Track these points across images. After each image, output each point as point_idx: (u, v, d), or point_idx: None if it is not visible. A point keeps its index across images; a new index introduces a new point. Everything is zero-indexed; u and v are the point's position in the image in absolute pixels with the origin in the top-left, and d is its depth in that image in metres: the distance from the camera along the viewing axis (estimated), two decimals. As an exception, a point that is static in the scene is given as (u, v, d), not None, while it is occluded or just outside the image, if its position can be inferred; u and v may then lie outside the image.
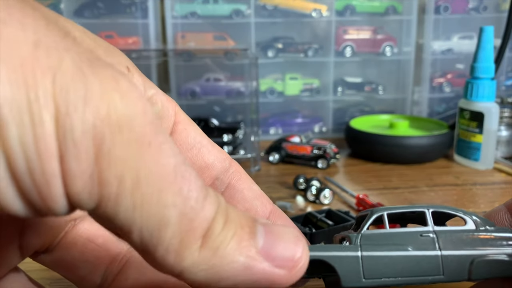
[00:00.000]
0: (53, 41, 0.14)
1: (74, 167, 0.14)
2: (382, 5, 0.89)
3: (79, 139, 0.13)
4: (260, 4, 0.87)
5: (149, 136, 0.15)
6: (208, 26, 0.87)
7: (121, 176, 0.14)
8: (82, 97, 0.14)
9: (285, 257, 0.17)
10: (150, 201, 0.15)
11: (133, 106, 0.14)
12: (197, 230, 0.15)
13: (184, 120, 0.23)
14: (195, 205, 0.15)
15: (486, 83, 0.71)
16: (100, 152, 0.14)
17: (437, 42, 0.91)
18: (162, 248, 0.15)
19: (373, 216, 0.21)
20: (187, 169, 0.16)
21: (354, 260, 0.19)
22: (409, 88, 0.94)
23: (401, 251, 0.20)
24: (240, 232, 0.16)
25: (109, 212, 0.15)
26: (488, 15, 0.90)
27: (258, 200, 0.24)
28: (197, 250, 0.15)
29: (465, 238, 0.20)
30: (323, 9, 0.88)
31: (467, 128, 0.73)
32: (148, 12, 0.86)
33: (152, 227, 0.15)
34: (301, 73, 0.92)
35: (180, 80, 0.88)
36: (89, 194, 0.14)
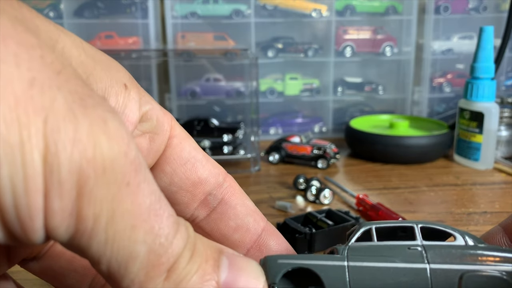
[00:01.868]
0: (47, 77, 0.14)
1: (56, 204, 0.14)
2: (382, 5, 0.89)
3: (64, 178, 0.14)
4: (260, 4, 0.87)
5: (128, 177, 0.15)
6: (208, 26, 0.87)
7: (99, 213, 0.15)
8: (71, 138, 0.14)
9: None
10: (122, 236, 0.15)
11: (118, 147, 0.15)
12: (164, 265, 0.16)
13: (179, 134, 0.23)
14: (164, 242, 0.16)
15: (486, 83, 0.71)
16: (82, 191, 0.14)
17: (437, 42, 0.91)
18: (128, 279, 0.16)
19: (361, 229, 0.21)
20: (162, 207, 0.16)
21: (340, 270, 0.19)
22: (409, 88, 0.94)
23: (388, 263, 0.19)
24: (204, 265, 0.17)
25: (82, 245, 0.15)
26: (488, 15, 0.90)
27: (251, 217, 0.24)
28: (161, 283, 0.16)
29: (454, 253, 0.20)
30: (323, 9, 0.88)
31: (467, 128, 0.73)
32: (148, 12, 0.86)
33: (120, 260, 0.15)
34: (301, 73, 0.92)
35: (180, 80, 0.88)
36: (66, 229, 0.15)
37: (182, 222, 0.17)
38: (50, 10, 0.83)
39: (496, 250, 0.20)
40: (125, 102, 0.20)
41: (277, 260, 0.19)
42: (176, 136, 0.23)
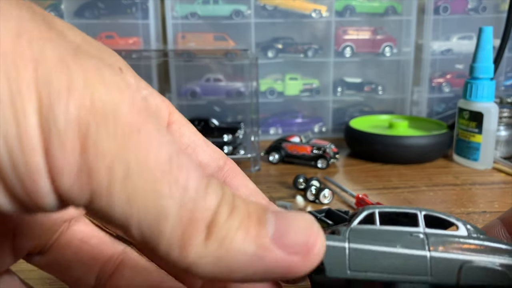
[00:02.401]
0: (37, 31, 0.14)
1: (60, 161, 0.13)
2: (382, 5, 0.89)
3: (63, 130, 0.13)
4: (260, 4, 0.87)
5: (138, 124, 0.14)
6: (208, 27, 0.88)
7: (110, 167, 0.14)
8: (65, 88, 0.13)
9: (298, 243, 0.16)
10: (144, 193, 0.14)
11: (119, 94, 0.14)
12: (200, 222, 0.15)
13: (178, 120, 0.23)
14: (195, 195, 0.15)
15: (485, 83, 0.71)
16: (86, 143, 0.13)
17: (437, 42, 0.91)
18: (164, 242, 0.14)
19: (364, 212, 0.21)
20: (184, 158, 0.15)
21: (340, 251, 0.19)
22: (409, 88, 0.94)
23: (389, 247, 0.19)
24: (247, 221, 0.15)
25: (103, 207, 0.14)
26: (488, 16, 0.90)
27: (254, 197, 0.24)
28: (202, 243, 0.15)
29: (455, 243, 0.20)
30: (322, 9, 0.88)
31: (466, 128, 0.73)
32: (148, 12, 0.86)
33: (150, 220, 0.14)
34: (301, 73, 0.92)
35: (181, 80, 0.89)
36: (79, 189, 0.14)
37: (214, 179, 0.16)
38: (51, 10, 0.83)
39: (497, 242, 0.20)
40: None
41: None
42: (175, 122, 0.22)
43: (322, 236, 0.17)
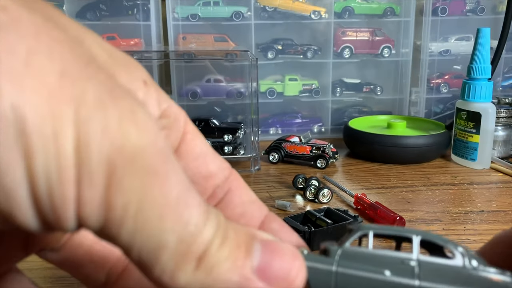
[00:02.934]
0: (77, 69, 0.15)
1: (87, 194, 0.15)
2: (380, 7, 0.90)
3: (95, 168, 0.14)
4: (260, 6, 0.88)
5: (157, 166, 0.15)
6: (209, 28, 0.88)
7: (128, 202, 0.15)
8: (101, 128, 0.14)
9: (280, 276, 0.17)
10: (150, 226, 0.15)
11: (147, 137, 0.15)
12: (194, 254, 0.16)
13: (192, 131, 0.24)
14: (194, 230, 0.16)
15: (483, 84, 0.72)
16: (112, 181, 0.15)
17: (435, 43, 0.92)
18: (158, 268, 0.16)
19: (358, 232, 0.21)
20: (191, 196, 0.16)
21: (327, 274, 0.19)
22: (407, 89, 0.95)
23: (377, 274, 0.19)
24: (236, 251, 0.17)
25: (112, 234, 0.15)
26: (485, 17, 0.91)
27: (255, 204, 0.25)
28: (192, 271, 0.16)
29: (449, 273, 0.19)
30: (322, 11, 0.89)
31: (464, 128, 0.74)
32: (149, 14, 0.87)
33: (150, 249, 0.15)
34: (300, 74, 0.93)
35: (181, 81, 0.89)
36: (97, 218, 0.15)
37: (213, 210, 0.17)
38: (52, 11, 0.83)
39: (494, 274, 0.19)
40: (146, 99, 0.20)
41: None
42: (190, 132, 0.23)
43: (303, 270, 0.18)
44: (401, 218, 0.51)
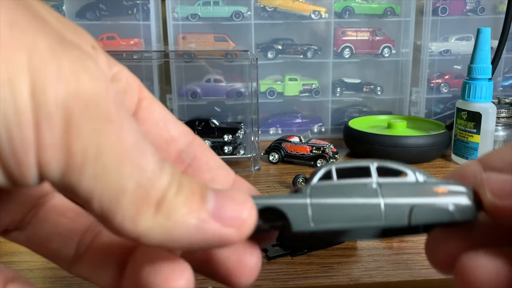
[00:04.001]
0: (27, 21, 0.16)
1: (47, 138, 0.15)
2: (381, 6, 0.90)
3: (52, 112, 0.15)
4: (260, 6, 0.87)
5: (111, 113, 0.16)
6: (208, 28, 0.88)
7: (86, 147, 0.16)
8: (55, 75, 0.15)
9: (233, 217, 0.18)
10: (110, 172, 0.16)
11: (99, 85, 0.16)
12: (152, 199, 0.17)
13: (148, 97, 0.24)
14: (152, 176, 0.17)
15: (483, 84, 0.72)
16: (69, 125, 0.15)
17: (435, 43, 0.92)
18: (120, 215, 0.16)
19: (322, 170, 0.23)
20: (145, 144, 0.17)
21: (303, 207, 0.21)
22: (407, 89, 0.95)
23: (346, 199, 0.21)
24: (191, 197, 0.18)
25: (72, 182, 0.16)
26: (486, 17, 0.90)
27: (223, 169, 0.26)
28: (152, 216, 0.17)
29: (406, 189, 0.22)
30: (322, 10, 0.88)
31: (464, 128, 0.74)
32: (149, 13, 0.86)
33: (111, 196, 0.16)
34: (300, 74, 0.93)
35: (181, 81, 0.89)
36: (57, 164, 0.16)
37: (167, 161, 0.18)
38: (52, 11, 0.83)
39: (443, 184, 0.22)
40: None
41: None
42: (146, 98, 0.24)
43: (254, 211, 0.19)
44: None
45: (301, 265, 0.45)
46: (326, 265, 0.45)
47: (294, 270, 0.44)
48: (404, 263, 0.45)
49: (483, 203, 0.21)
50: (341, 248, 0.47)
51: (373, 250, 0.47)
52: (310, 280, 0.42)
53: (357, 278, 0.42)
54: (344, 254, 0.47)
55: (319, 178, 0.23)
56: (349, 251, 0.47)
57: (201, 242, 0.18)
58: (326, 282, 0.42)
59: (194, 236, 0.18)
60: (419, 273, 0.43)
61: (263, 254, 0.46)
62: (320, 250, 0.47)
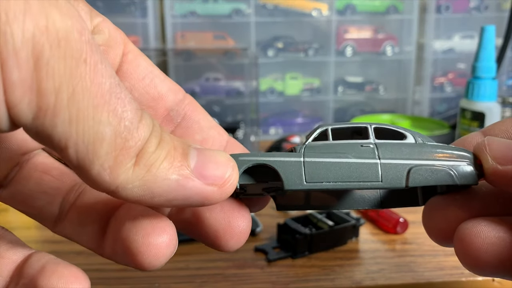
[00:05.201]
0: None
1: (14, 75, 0.14)
2: (383, 4, 0.89)
3: (19, 47, 0.14)
4: (260, 3, 0.87)
5: (85, 54, 0.15)
6: (207, 26, 0.87)
7: (58, 88, 0.15)
8: (21, 9, 0.14)
9: (216, 175, 0.18)
10: (85, 116, 0.15)
11: (71, 23, 0.15)
12: (131, 149, 0.16)
13: (134, 50, 0.23)
14: (130, 125, 0.16)
15: (487, 82, 0.70)
16: (39, 62, 0.15)
17: (438, 41, 0.91)
18: (98, 164, 0.16)
19: (318, 130, 0.22)
20: (122, 91, 0.16)
21: (296, 165, 0.20)
22: (410, 88, 0.94)
23: (342, 158, 0.21)
24: (173, 152, 0.17)
25: (47, 126, 0.15)
26: (490, 15, 0.90)
27: (215, 130, 0.25)
28: (131, 168, 0.16)
29: (404, 150, 0.21)
30: (323, 8, 0.88)
31: (468, 128, 0.73)
32: (147, 11, 0.86)
33: (87, 142, 0.16)
34: (301, 73, 0.92)
35: (180, 80, 0.88)
36: (28, 104, 0.15)
37: (145, 112, 0.17)
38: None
39: (444, 148, 0.22)
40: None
41: (238, 158, 0.20)
42: (131, 52, 0.23)
43: (236, 171, 0.19)
44: (405, 220, 0.49)
45: (302, 267, 0.44)
46: (327, 267, 0.44)
47: (295, 273, 0.43)
48: (407, 266, 0.44)
49: (484, 169, 0.21)
50: (343, 251, 0.47)
51: (375, 253, 0.46)
52: (312, 283, 0.41)
53: (359, 281, 0.41)
54: (346, 256, 0.46)
55: (314, 139, 0.22)
56: (351, 254, 0.46)
57: (181, 199, 0.18)
58: (328, 285, 0.41)
59: (174, 192, 0.17)
60: (422, 276, 0.42)
61: (264, 256, 0.45)
62: (322, 252, 0.46)
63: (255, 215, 0.52)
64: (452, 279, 0.41)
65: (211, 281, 0.41)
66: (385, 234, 0.50)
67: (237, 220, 0.21)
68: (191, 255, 0.45)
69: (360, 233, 0.49)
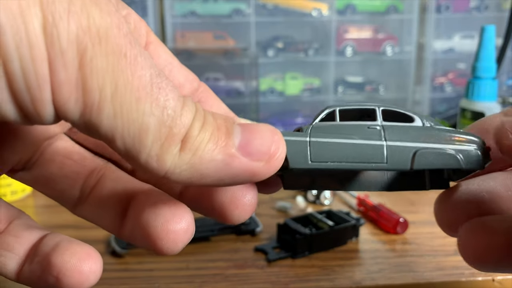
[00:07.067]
0: None
1: (61, 74, 0.15)
2: (383, 4, 0.89)
3: (65, 47, 0.15)
4: (260, 3, 0.87)
5: (124, 48, 0.16)
6: (207, 25, 0.87)
7: (102, 84, 0.15)
8: (66, 10, 0.15)
9: (261, 151, 0.18)
10: (129, 109, 0.16)
11: (110, 19, 0.16)
12: (176, 136, 0.17)
13: (155, 40, 0.24)
14: (173, 114, 0.17)
15: (487, 82, 0.70)
16: (84, 61, 0.15)
17: (438, 41, 0.91)
18: (145, 153, 0.17)
19: (325, 110, 0.22)
20: (163, 80, 0.17)
21: (302, 144, 0.21)
22: (410, 88, 0.94)
23: (348, 139, 0.21)
24: (216, 133, 0.18)
25: (93, 121, 0.16)
26: (490, 14, 0.90)
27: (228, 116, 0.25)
28: (177, 153, 0.17)
29: (410, 133, 0.21)
30: (323, 8, 0.88)
31: (468, 128, 0.73)
32: (147, 11, 0.86)
33: (133, 133, 0.16)
34: (301, 73, 0.92)
35: (180, 80, 0.88)
36: (75, 103, 0.15)
37: (188, 97, 0.18)
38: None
39: (452, 132, 0.22)
40: None
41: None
42: (153, 42, 0.24)
43: (283, 144, 0.19)
44: (405, 220, 0.49)
45: (302, 268, 0.43)
46: (327, 268, 0.43)
47: (295, 273, 0.43)
48: (407, 266, 0.44)
49: (503, 147, 0.21)
50: (343, 251, 0.46)
51: (375, 253, 0.46)
52: (311, 283, 0.41)
53: (359, 281, 0.41)
54: (346, 256, 0.46)
55: (321, 119, 0.22)
56: (351, 254, 0.46)
57: (230, 177, 0.18)
58: (328, 285, 0.41)
59: (222, 172, 0.18)
60: (422, 276, 0.42)
61: (264, 256, 0.45)
62: (322, 252, 0.46)
63: (255, 215, 0.52)
64: (452, 279, 0.41)
65: (211, 281, 0.41)
66: (385, 234, 0.50)
67: (243, 191, 0.21)
68: (191, 255, 0.45)
69: (360, 233, 0.49)
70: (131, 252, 0.45)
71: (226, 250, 0.46)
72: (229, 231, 0.49)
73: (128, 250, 0.45)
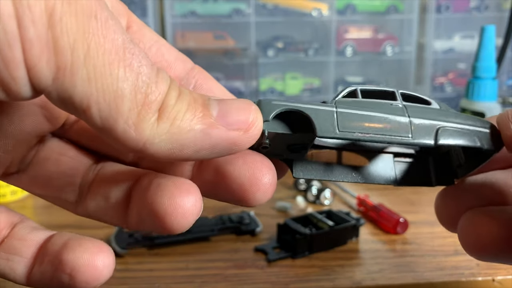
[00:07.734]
0: None
1: (30, 30, 0.15)
2: (383, 4, 0.89)
3: (32, 3, 0.15)
4: (260, 3, 0.87)
5: (95, 10, 0.16)
6: (207, 25, 0.87)
7: (73, 45, 0.15)
8: None
9: (239, 120, 0.18)
10: (103, 73, 0.16)
11: None
12: (153, 104, 0.17)
13: (137, 22, 0.23)
14: (148, 80, 0.16)
15: (487, 82, 0.70)
16: (53, 19, 0.15)
17: (439, 41, 0.91)
18: (122, 121, 0.16)
19: (347, 89, 0.23)
20: (135, 47, 0.17)
21: (329, 113, 0.21)
22: (410, 88, 0.94)
23: (374, 112, 0.21)
24: (193, 104, 0.18)
25: (67, 85, 0.16)
26: (490, 14, 0.90)
27: (227, 97, 0.24)
28: (155, 122, 0.17)
29: (430, 113, 0.22)
30: (323, 8, 0.88)
31: (468, 128, 0.73)
32: (147, 11, 0.86)
33: (108, 99, 0.16)
34: (301, 73, 0.92)
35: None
36: (47, 63, 0.15)
37: (160, 68, 0.17)
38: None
39: (467, 116, 0.22)
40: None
41: (272, 102, 0.20)
42: (135, 22, 0.23)
43: (260, 115, 0.19)
44: (405, 220, 0.49)
45: (302, 268, 0.43)
46: (327, 268, 0.43)
47: (295, 273, 0.43)
48: (407, 266, 0.44)
49: (505, 138, 0.21)
50: (343, 251, 0.46)
51: (375, 253, 0.46)
52: (312, 283, 0.41)
53: (360, 281, 0.41)
54: (346, 256, 0.46)
55: (343, 96, 0.22)
56: (351, 254, 0.46)
57: (209, 148, 0.18)
58: (328, 285, 0.41)
59: (201, 142, 0.18)
60: (422, 276, 0.42)
61: (264, 256, 0.45)
62: (322, 252, 0.46)
63: (255, 215, 0.52)
64: (452, 279, 0.41)
65: (211, 281, 0.41)
66: (385, 234, 0.50)
67: (262, 171, 0.21)
68: (191, 255, 0.45)
69: (360, 233, 0.49)
70: (131, 252, 0.45)
71: (226, 250, 0.46)
72: (229, 231, 0.49)
73: (128, 250, 0.45)
